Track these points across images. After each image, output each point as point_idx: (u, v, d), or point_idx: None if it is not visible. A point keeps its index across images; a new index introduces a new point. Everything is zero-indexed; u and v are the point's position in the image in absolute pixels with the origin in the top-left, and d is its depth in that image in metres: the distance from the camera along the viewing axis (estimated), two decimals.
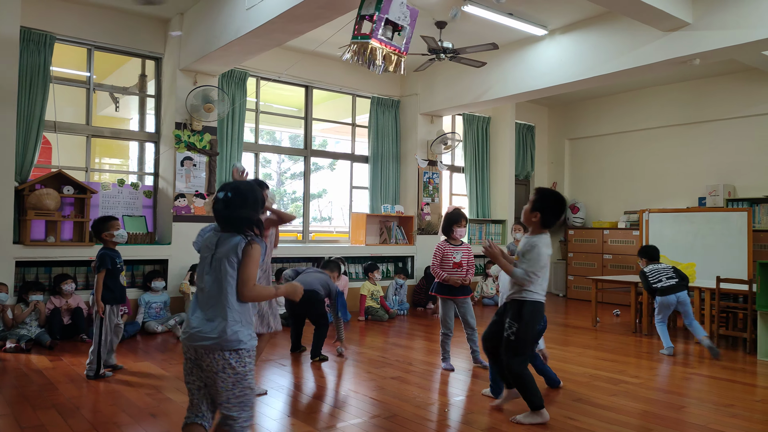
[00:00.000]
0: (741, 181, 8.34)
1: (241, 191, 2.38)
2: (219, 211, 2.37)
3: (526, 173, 10.43)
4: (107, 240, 4.40)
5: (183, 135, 6.58)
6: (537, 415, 3.47)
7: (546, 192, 3.57)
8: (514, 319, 3.50)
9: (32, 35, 5.91)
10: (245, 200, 2.37)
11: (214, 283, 2.31)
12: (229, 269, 2.29)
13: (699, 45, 5.50)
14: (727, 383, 4.50)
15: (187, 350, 2.31)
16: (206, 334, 2.25)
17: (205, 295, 2.32)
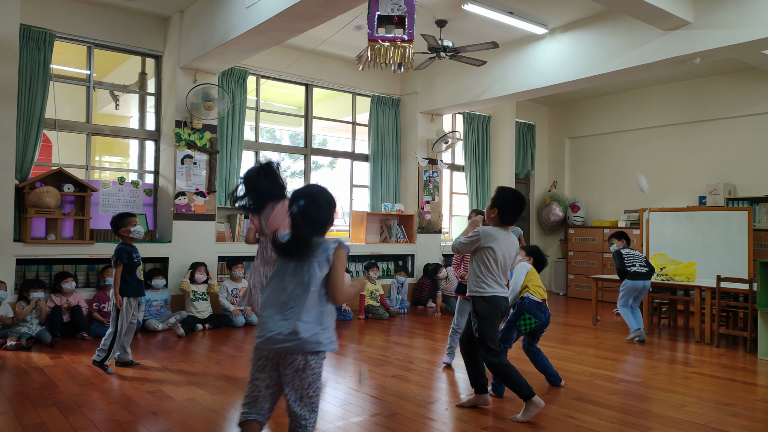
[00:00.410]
0: (741, 180, 8.34)
1: (314, 195, 2.40)
2: (297, 220, 2.36)
3: (526, 172, 10.43)
4: (125, 236, 4.51)
5: (183, 133, 6.57)
6: (531, 405, 3.47)
7: (505, 190, 3.65)
8: (474, 316, 3.59)
9: (32, 33, 5.90)
10: (319, 205, 2.39)
11: (298, 286, 2.31)
12: (318, 273, 2.31)
13: (699, 44, 5.49)
14: (728, 382, 4.51)
15: (267, 351, 2.32)
16: (288, 336, 2.26)
17: (285, 298, 2.32)
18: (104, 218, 6.40)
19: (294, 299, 2.30)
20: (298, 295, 2.29)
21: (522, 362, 4.72)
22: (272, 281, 2.39)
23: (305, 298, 2.29)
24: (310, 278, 2.30)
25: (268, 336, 2.29)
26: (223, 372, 4.52)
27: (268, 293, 2.38)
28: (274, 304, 2.33)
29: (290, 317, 2.28)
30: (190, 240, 6.60)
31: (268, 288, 2.39)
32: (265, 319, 2.32)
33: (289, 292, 2.31)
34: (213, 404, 3.71)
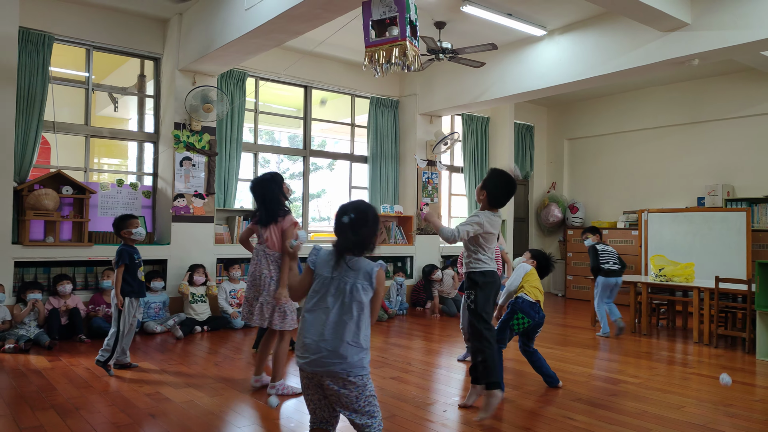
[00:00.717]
0: (740, 181, 8.34)
1: (364, 211, 2.37)
2: (345, 233, 2.33)
3: (525, 173, 10.43)
4: (126, 237, 4.53)
5: (182, 135, 6.58)
6: (491, 396, 3.47)
7: (495, 171, 3.66)
8: (471, 288, 3.59)
9: (31, 35, 5.91)
10: (367, 221, 2.36)
11: (341, 307, 2.28)
12: (363, 296, 2.30)
13: (698, 45, 5.50)
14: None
15: (309, 373, 2.29)
16: (332, 359, 2.24)
17: (328, 318, 2.28)
18: (103, 220, 6.40)
19: (338, 320, 2.27)
20: (341, 316, 2.27)
21: (521, 363, 4.72)
22: (313, 300, 2.34)
23: (350, 320, 2.27)
24: (352, 299, 2.28)
25: (313, 358, 2.25)
26: (221, 374, 4.52)
27: (310, 313, 2.33)
28: (318, 325, 2.29)
29: (336, 340, 2.25)
30: (188, 242, 6.60)
31: (310, 307, 2.34)
32: (308, 340, 2.28)
33: (333, 312, 2.28)
34: (211, 406, 3.71)
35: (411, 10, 4.22)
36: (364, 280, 2.31)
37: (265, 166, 10.41)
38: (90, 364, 4.71)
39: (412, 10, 4.24)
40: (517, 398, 4.01)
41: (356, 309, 2.28)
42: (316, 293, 2.35)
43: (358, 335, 2.28)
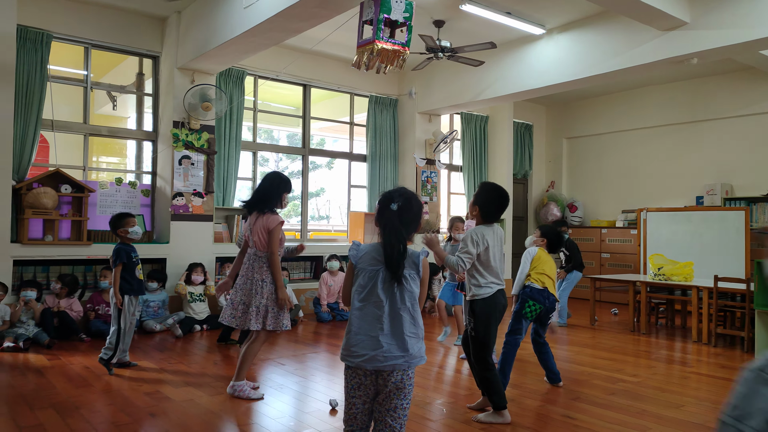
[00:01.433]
0: (738, 180, 8.35)
1: (408, 198, 2.30)
2: (391, 220, 2.25)
3: (524, 172, 10.44)
4: (123, 236, 4.52)
5: (181, 134, 6.57)
6: (498, 415, 3.47)
7: (486, 186, 3.63)
8: (471, 316, 3.55)
9: (29, 33, 5.89)
10: (412, 207, 2.30)
11: (396, 300, 2.22)
12: (413, 285, 2.24)
13: (697, 44, 5.50)
14: (725, 382, 4.51)
15: (364, 371, 2.21)
16: (394, 353, 2.17)
17: (383, 312, 2.20)
18: (102, 219, 6.39)
19: (394, 313, 2.21)
20: (395, 308, 2.21)
21: (523, 362, 4.72)
22: (362, 295, 2.25)
23: (405, 311, 2.21)
24: (404, 290, 2.22)
25: (373, 354, 2.17)
26: (221, 373, 4.52)
27: (360, 310, 2.25)
28: (372, 320, 2.21)
29: (395, 333, 2.19)
30: (187, 241, 6.59)
31: (358, 303, 2.26)
32: (363, 337, 2.20)
33: (386, 305, 2.21)
34: (211, 405, 3.71)
35: (393, 10, 4.21)
36: (411, 269, 2.25)
37: (264, 165, 10.38)
38: (89, 363, 4.71)
39: (397, 9, 4.22)
40: (518, 397, 4.01)
41: (409, 299, 2.23)
42: (363, 288, 2.26)
43: (415, 325, 2.23)
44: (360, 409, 2.25)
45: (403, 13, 4.26)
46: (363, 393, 2.24)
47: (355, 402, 2.25)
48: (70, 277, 5.83)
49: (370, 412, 2.27)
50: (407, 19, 4.30)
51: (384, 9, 4.23)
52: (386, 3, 4.23)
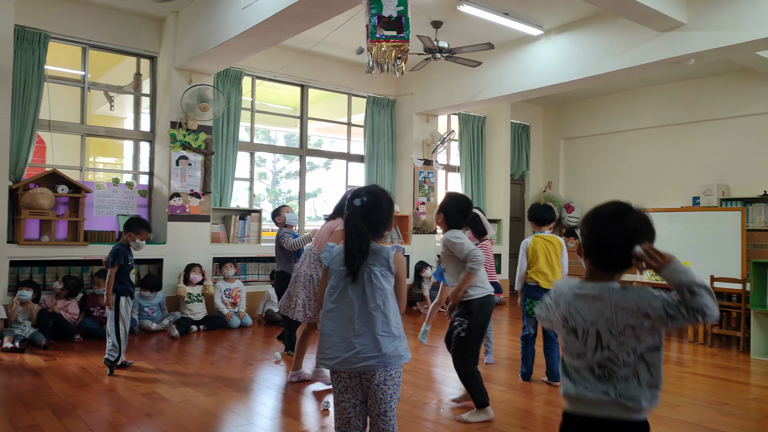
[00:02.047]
0: (735, 181, 8.37)
1: (377, 194, 2.29)
2: (353, 216, 2.22)
3: (521, 173, 10.45)
4: (129, 240, 4.57)
5: (178, 134, 6.56)
6: (482, 413, 3.50)
7: (450, 195, 3.70)
8: (464, 317, 3.51)
9: (26, 34, 5.88)
10: (381, 204, 2.28)
11: (364, 298, 2.17)
12: (384, 282, 2.18)
13: (693, 45, 5.52)
14: (721, 382, 4.53)
15: (347, 372, 2.18)
16: (367, 354, 2.13)
17: (354, 312, 2.17)
18: (98, 220, 6.38)
19: (365, 312, 2.16)
20: (367, 307, 2.16)
21: (517, 362, 4.72)
22: (333, 296, 2.22)
23: (376, 310, 2.15)
24: (374, 289, 2.17)
25: (347, 356, 2.14)
26: (218, 373, 4.52)
27: (331, 311, 2.22)
28: (344, 320, 2.18)
29: (367, 334, 2.15)
30: (184, 241, 6.59)
31: (330, 305, 2.23)
32: (337, 338, 2.17)
33: (357, 306, 2.17)
34: (208, 406, 3.71)
35: (385, 6, 4.20)
36: (382, 266, 2.19)
37: (261, 165, 10.37)
38: (85, 363, 4.71)
39: (389, 5, 4.21)
40: (513, 396, 4.01)
41: (380, 297, 2.16)
42: (334, 289, 2.22)
43: (388, 324, 2.17)
44: (352, 413, 2.21)
45: (396, 8, 4.24)
46: (351, 396, 2.21)
47: (345, 406, 2.21)
48: (74, 281, 5.83)
49: (364, 416, 2.23)
50: (402, 13, 4.27)
51: (375, 8, 4.22)
52: (376, 1, 4.23)
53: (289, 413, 3.66)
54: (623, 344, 1.61)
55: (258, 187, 9.21)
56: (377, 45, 4.25)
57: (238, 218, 7.11)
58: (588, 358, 1.67)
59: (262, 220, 7.30)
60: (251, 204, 7.70)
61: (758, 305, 5.31)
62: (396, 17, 4.32)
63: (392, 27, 4.32)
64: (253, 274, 7.22)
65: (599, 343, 1.64)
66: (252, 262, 7.22)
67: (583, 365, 1.69)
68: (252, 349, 5.43)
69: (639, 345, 1.60)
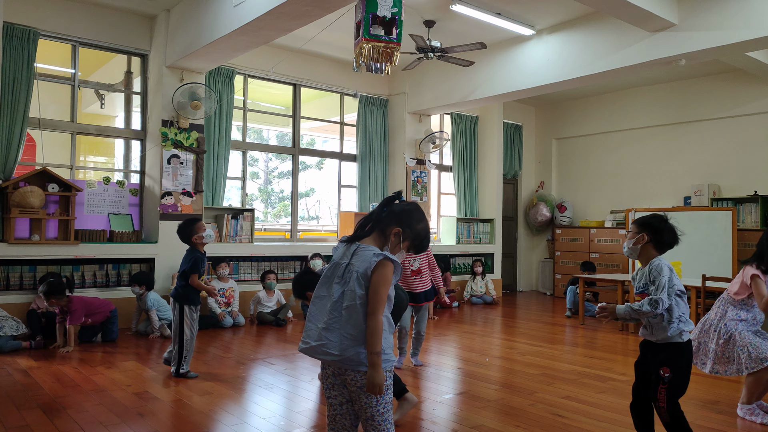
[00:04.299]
0: (725, 181, 8.43)
1: (413, 209, 2.26)
2: (377, 209, 2.23)
3: (513, 172, 10.47)
4: (198, 242, 4.36)
5: (170, 132, 6.52)
6: (404, 402, 3.48)
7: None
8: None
9: (15, 30, 5.83)
10: (411, 216, 2.22)
11: (341, 296, 2.11)
12: (357, 287, 2.08)
13: (684, 46, 5.55)
14: (713, 380, 4.55)
15: (332, 371, 2.14)
16: (330, 350, 2.07)
17: (327, 304, 2.13)
18: (89, 218, 6.34)
19: (336, 308, 2.10)
20: (341, 306, 2.10)
21: (511, 361, 4.72)
22: (322, 285, 2.20)
23: (346, 311, 2.08)
24: (347, 288, 2.10)
25: (314, 345, 2.11)
26: (210, 373, 4.49)
27: (317, 298, 2.18)
28: (321, 311, 2.15)
29: (333, 329, 2.09)
30: (176, 240, 6.48)
31: (318, 292, 2.20)
32: (312, 326, 2.15)
33: (334, 300, 2.12)
34: (200, 405, 3.69)
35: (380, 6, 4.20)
36: (361, 267, 2.10)
37: (253, 165, 10.33)
38: (77, 363, 4.67)
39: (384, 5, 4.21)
40: (507, 396, 4.02)
41: (348, 298, 2.08)
42: (326, 278, 2.19)
43: (355, 328, 2.06)
44: (338, 411, 2.17)
45: (391, 9, 4.24)
46: (338, 393, 2.16)
47: (332, 403, 2.18)
48: (54, 279, 5.40)
49: (351, 416, 2.18)
50: (396, 14, 4.27)
51: (370, 7, 4.22)
52: (372, 0, 4.22)
53: (283, 413, 3.64)
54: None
55: (250, 186, 9.18)
56: (368, 44, 4.25)
57: (230, 217, 7.08)
58: None
59: (254, 219, 7.27)
60: (243, 203, 7.67)
61: None
62: (390, 18, 4.32)
63: (385, 27, 4.32)
64: (245, 274, 7.20)
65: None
66: (244, 262, 7.19)
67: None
68: (245, 349, 5.41)
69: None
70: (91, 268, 6.17)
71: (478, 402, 3.86)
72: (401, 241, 2.21)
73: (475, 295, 8.79)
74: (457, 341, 5.98)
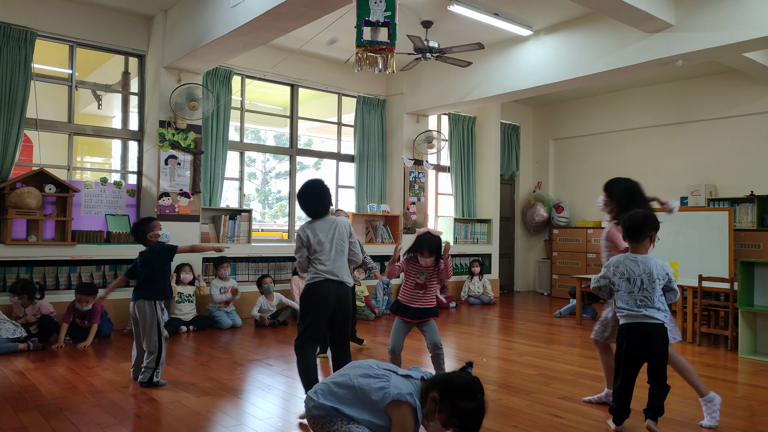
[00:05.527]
0: (722, 181, 8.45)
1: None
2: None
3: (511, 173, 10.48)
4: (152, 241, 4.30)
5: (167, 133, 6.52)
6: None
7: (303, 185, 3.80)
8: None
9: (12, 31, 5.82)
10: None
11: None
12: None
13: (681, 46, 5.56)
14: (709, 380, 4.56)
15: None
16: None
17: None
18: (86, 219, 6.33)
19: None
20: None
21: (508, 362, 4.72)
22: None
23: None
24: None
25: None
26: (208, 374, 4.49)
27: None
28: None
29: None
30: (174, 241, 6.45)
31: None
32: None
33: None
34: (198, 407, 3.68)
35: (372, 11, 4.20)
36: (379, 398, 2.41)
37: (251, 165, 10.33)
38: (73, 364, 4.66)
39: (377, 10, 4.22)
40: (504, 396, 4.02)
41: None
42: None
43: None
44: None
45: (384, 13, 4.24)
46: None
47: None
48: (20, 284, 5.43)
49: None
50: (389, 18, 4.26)
51: (362, 12, 4.22)
52: (363, 6, 4.22)
53: (279, 413, 3.64)
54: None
55: (248, 187, 9.17)
56: (362, 50, 4.25)
57: (227, 218, 7.07)
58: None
59: (252, 220, 7.27)
60: (241, 204, 7.67)
61: (746, 304, 5.36)
62: (383, 22, 4.32)
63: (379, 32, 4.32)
64: (243, 275, 7.19)
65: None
66: (242, 263, 7.19)
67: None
68: (242, 350, 5.40)
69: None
70: (88, 269, 6.16)
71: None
72: (437, 411, 2.11)
73: (472, 295, 8.80)
74: (454, 342, 5.98)
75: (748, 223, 7.95)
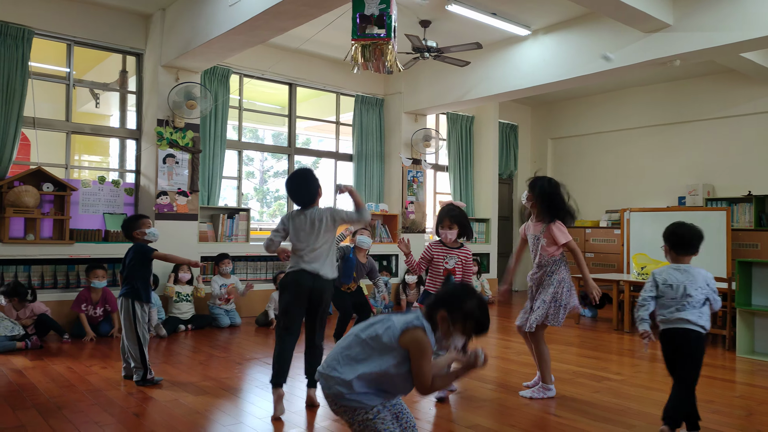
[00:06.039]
0: (720, 181, 8.47)
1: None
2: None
3: (509, 172, 10.49)
4: (139, 238, 4.29)
5: (165, 132, 6.51)
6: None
7: (291, 175, 3.85)
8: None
9: (9, 29, 5.80)
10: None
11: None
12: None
13: (679, 46, 5.57)
14: (707, 380, 4.56)
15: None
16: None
17: None
18: (84, 218, 6.32)
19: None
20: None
21: (506, 361, 4.73)
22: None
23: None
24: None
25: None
26: (206, 373, 4.48)
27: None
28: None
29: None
30: (172, 240, 6.51)
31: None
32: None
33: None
34: (196, 405, 3.68)
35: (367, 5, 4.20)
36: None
37: (249, 164, 10.32)
38: (72, 363, 4.65)
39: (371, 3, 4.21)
40: (502, 395, 4.03)
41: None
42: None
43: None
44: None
45: (378, 6, 4.22)
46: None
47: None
48: (11, 286, 5.33)
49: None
50: (384, 11, 4.24)
51: (357, 7, 4.22)
52: (358, 0, 4.22)
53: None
54: None
55: (246, 185, 9.17)
56: (358, 44, 4.24)
57: (226, 217, 7.07)
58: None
59: (250, 219, 7.27)
60: (239, 203, 7.66)
61: (743, 304, 5.37)
62: (378, 15, 4.30)
63: (375, 25, 4.31)
64: (241, 273, 7.19)
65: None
66: (240, 261, 7.18)
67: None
68: (241, 349, 5.40)
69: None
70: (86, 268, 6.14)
71: (474, 402, 3.86)
72: (451, 324, 2.21)
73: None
74: None
75: (746, 222, 7.97)
